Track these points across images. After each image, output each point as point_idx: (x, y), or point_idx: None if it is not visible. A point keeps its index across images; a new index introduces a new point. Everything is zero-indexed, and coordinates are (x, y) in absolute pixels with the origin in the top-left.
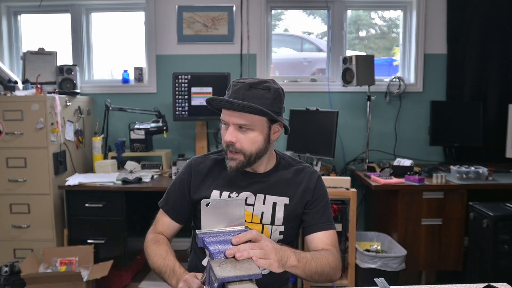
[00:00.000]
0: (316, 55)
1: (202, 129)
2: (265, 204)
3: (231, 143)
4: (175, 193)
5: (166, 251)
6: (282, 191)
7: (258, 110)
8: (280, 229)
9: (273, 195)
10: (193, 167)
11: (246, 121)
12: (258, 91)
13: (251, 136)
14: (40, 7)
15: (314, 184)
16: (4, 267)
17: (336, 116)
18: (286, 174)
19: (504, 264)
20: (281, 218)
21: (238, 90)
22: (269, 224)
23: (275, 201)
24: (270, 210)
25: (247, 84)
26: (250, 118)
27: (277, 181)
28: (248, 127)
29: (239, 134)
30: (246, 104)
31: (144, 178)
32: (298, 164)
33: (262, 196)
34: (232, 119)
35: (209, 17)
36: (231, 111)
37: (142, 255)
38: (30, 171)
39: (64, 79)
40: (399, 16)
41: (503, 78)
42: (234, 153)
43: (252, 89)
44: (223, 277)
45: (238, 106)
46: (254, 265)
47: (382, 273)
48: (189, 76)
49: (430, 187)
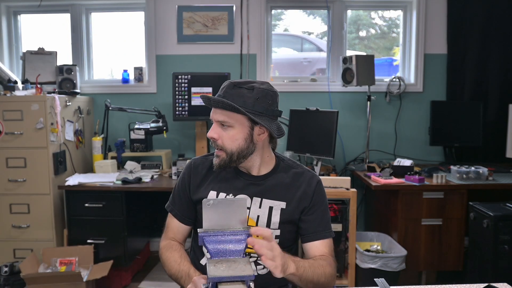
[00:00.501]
0: (316, 55)
1: (202, 129)
2: (261, 208)
3: (213, 139)
4: (179, 194)
5: (180, 257)
6: (279, 195)
7: (231, 106)
8: (275, 233)
9: (269, 199)
10: (192, 168)
11: (225, 117)
12: (242, 90)
13: (231, 133)
14: (40, 7)
15: (312, 189)
16: (4, 267)
17: (336, 116)
18: (285, 178)
19: (504, 264)
20: (277, 222)
21: (223, 89)
22: None
23: (271, 205)
24: (266, 214)
25: (232, 83)
26: (230, 115)
27: (275, 184)
28: (228, 124)
29: (221, 131)
30: (220, 100)
31: (144, 178)
32: (298, 167)
33: (258, 200)
34: (213, 116)
35: (209, 17)
36: (215, 108)
37: (142, 255)
38: (30, 171)
39: (64, 79)
40: (399, 16)
41: (503, 78)
42: (218, 150)
43: (236, 88)
44: (214, 277)
45: (214, 102)
46: (249, 266)
47: (382, 273)
48: (189, 76)
49: (430, 187)
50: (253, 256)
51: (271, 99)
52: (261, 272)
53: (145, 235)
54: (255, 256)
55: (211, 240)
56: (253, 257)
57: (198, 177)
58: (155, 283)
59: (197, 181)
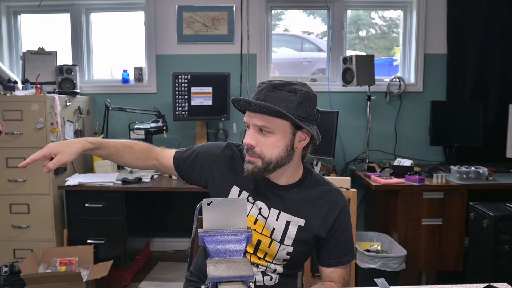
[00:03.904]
0: (316, 55)
1: (202, 129)
2: (278, 221)
3: (250, 146)
4: (198, 158)
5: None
6: (299, 211)
7: (276, 111)
8: (288, 250)
9: (288, 213)
10: (227, 151)
11: (266, 123)
12: (283, 92)
13: (272, 140)
14: (40, 7)
15: (335, 215)
16: (4, 267)
17: (336, 116)
18: (309, 193)
19: (504, 264)
20: (291, 239)
21: (261, 91)
22: (278, 241)
23: (289, 219)
24: (282, 228)
25: (271, 85)
26: (271, 120)
27: (297, 199)
28: (268, 130)
29: (260, 137)
30: (264, 105)
31: (144, 178)
32: (326, 185)
33: (276, 212)
34: (252, 120)
35: (209, 17)
36: (252, 112)
37: (142, 255)
38: (30, 171)
39: (64, 79)
40: (399, 16)
41: (503, 78)
42: (252, 156)
43: (276, 90)
44: (214, 277)
45: (256, 106)
46: (249, 266)
47: (382, 273)
48: (189, 76)
49: (430, 187)
50: (261, 267)
51: (312, 102)
52: (268, 284)
53: (145, 235)
54: (263, 266)
55: (211, 240)
56: (261, 268)
57: (226, 164)
58: (155, 283)
59: (224, 167)
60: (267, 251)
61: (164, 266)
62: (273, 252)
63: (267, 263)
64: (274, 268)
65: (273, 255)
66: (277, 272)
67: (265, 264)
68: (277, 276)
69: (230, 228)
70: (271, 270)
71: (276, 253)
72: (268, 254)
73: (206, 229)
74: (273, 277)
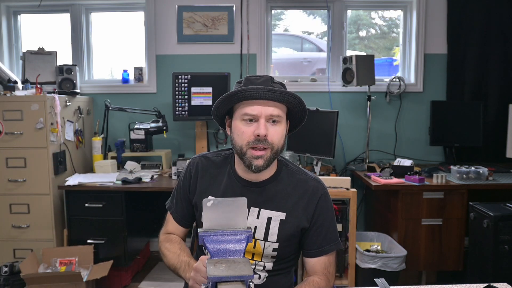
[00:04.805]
0: (316, 55)
1: (202, 129)
2: (258, 219)
3: (265, 137)
4: (179, 196)
5: (179, 249)
6: (279, 205)
7: (298, 99)
8: (273, 246)
9: (268, 209)
10: (191, 168)
11: (280, 112)
12: (276, 84)
13: (280, 129)
14: (40, 7)
15: (315, 204)
16: (4, 267)
17: (336, 116)
18: (286, 186)
19: (504, 264)
20: (275, 234)
21: (266, 82)
22: (262, 240)
23: (270, 215)
24: (264, 226)
25: (268, 77)
26: (283, 109)
27: (275, 193)
28: (279, 119)
29: (270, 127)
30: (290, 93)
31: (144, 178)
32: (302, 174)
33: (256, 210)
34: (267, 110)
35: (209, 17)
36: (265, 101)
37: (142, 255)
38: (30, 171)
39: (64, 79)
40: (399, 16)
41: (503, 78)
42: (261, 149)
43: (274, 83)
44: (213, 276)
45: (281, 94)
46: (249, 266)
47: (382, 273)
48: (189, 76)
49: (430, 187)
50: None
51: None
52: (256, 282)
53: (145, 235)
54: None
55: (211, 240)
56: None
57: (197, 179)
58: (155, 283)
59: (196, 182)
60: (253, 252)
61: (164, 266)
62: (259, 251)
63: (256, 261)
64: (264, 265)
65: (260, 253)
66: (267, 269)
67: (252, 263)
68: (265, 274)
69: (230, 228)
70: (259, 269)
71: (262, 252)
72: (256, 254)
73: (206, 229)
74: (261, 276)
